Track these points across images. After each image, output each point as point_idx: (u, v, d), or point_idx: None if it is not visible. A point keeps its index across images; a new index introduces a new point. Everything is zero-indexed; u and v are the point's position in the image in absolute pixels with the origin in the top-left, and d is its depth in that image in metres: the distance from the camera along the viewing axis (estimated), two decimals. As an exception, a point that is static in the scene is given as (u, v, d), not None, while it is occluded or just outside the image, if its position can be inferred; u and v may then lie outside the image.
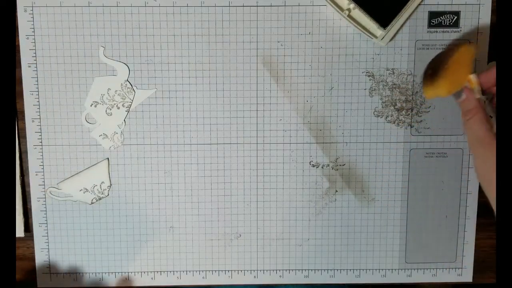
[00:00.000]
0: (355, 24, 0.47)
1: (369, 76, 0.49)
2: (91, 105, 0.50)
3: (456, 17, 0.49)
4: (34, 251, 0.52)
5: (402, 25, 0.48)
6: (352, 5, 0.47)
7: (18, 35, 0.48)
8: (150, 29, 0.49)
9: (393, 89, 0.50)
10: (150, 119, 0.50)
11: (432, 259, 0.52)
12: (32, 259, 0.52)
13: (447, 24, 0.49)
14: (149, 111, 0.50)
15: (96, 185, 0.51)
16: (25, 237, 0.51)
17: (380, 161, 0.51)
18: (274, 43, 0.49)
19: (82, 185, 0.51)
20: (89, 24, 0.48)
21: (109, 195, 0.51)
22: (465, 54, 0.44)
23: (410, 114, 0.50)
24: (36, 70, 0.49)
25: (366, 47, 0.49)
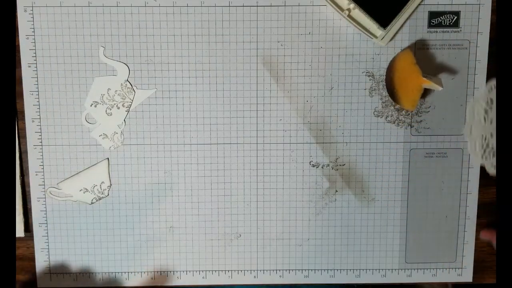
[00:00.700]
0: (355, 24, 0.47)
1: (369, 76, 0.49)
2: (91, 105, 0.50)
3: (456, 17, 0.49)
4: (34, 251, 0.52)
5: (402, 25, 0.48)
6: (352, 5, 0.47)
7: (18, 35, 0.48)
8: (150, 29, 0.49)
9: (393, 89, 0.50)
10: (150, 119, 0.50)
11: (432, 259, 0.52)
12: (32, 259, 0.52)
13: (447, 24, 0.49)
14: (149, 111, 0.50)
15: (96, 185, 0.51)
16: (25, 237, 0.51)
17: (380, 161, 0.51)
18: (274, 43, 0.49)
19: (82, 185, 0.51)
20: (89, 24, 0.48)
21: (109, 195, 0.51)
22: (404, 60, 0.47)
23: (410, 114, 0.50)
24: (36, 70, 0.49)
25: (366, 47, 0.49)
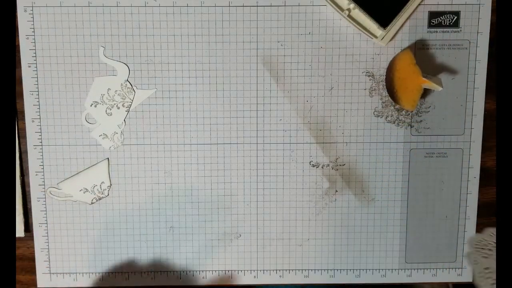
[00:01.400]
0: (355, 24, 0.47)
1: (369, 76, 0.49)
2: (91, 105, 0.50)
3: (456, 17, 0.49)
4: (34, 251, 0.52)
5: (402, 25, 0.48)
6: (352, 5, 0.47)
7: (18, 35, 0.48)
8: (150, 29, 0.49)
9: (393, 89, 0.50)
10: (150, 119, 0.50)
11: (432, 259, 0.52)
12: (32, 259, 0.52)
13: (447, 24, 0.49)
14: (149, 111, 0.50)
15: (96, 185, 0.51)
16: (25, 237, 0.51)
17: (380, 161, 0.51)
18: (274, 43, 0.49)
19: (82, 185, 0.51)
20: (89, 24, 0.48)
21: (109, 195, 0.51)
22: (404, 60, 0.47)
23: (410, 114, 0.50)
24: (36, 70, 0.49)
25: (366, 47, 0.49)
